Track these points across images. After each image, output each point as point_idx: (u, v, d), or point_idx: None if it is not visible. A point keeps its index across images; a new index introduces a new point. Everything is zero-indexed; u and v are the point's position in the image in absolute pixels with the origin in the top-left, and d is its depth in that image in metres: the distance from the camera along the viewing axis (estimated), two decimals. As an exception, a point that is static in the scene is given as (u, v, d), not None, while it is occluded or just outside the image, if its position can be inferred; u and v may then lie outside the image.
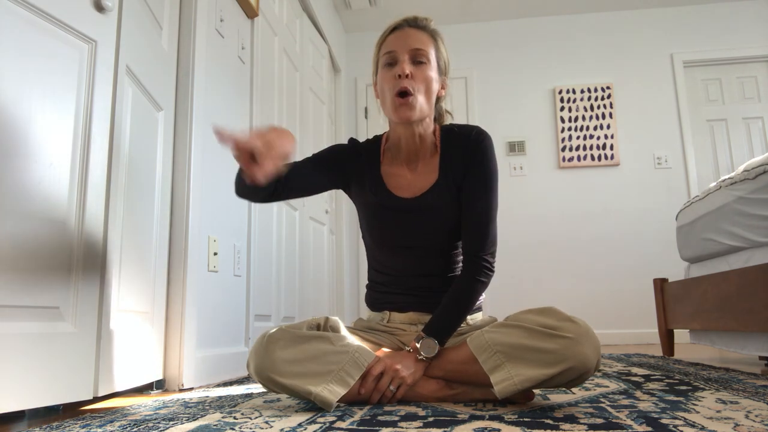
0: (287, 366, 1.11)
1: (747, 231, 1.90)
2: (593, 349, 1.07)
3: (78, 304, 1.25)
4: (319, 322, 1.23)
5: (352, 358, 1.15)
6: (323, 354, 1.14)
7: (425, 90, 1.26)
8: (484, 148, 1.31)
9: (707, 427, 0.86)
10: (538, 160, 4.14)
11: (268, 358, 1.12)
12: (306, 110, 3.23)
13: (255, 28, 2.45)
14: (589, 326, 1.11)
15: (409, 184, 1.35)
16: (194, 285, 1.79)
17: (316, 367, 1.12)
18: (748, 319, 1.78)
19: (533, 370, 1.07)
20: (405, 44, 1.25)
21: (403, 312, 1.36)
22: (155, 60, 1.70)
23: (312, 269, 3.14)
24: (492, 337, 1.14)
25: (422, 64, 1.26)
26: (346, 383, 1.12)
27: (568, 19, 4.29)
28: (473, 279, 1.29)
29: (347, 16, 4.22)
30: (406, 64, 1.24)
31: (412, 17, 1.29)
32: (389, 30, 1.30)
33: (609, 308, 3.83)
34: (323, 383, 1.10)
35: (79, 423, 1.04)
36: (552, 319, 1.12)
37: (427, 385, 1.20)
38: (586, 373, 1.07)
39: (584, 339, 1.07)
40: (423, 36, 1.28)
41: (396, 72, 1.24)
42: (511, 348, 1.10)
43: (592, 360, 1.07)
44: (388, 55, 1.27)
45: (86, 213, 1.29)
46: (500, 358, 1.10)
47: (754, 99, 4.08)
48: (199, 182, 1.85)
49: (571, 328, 1.08)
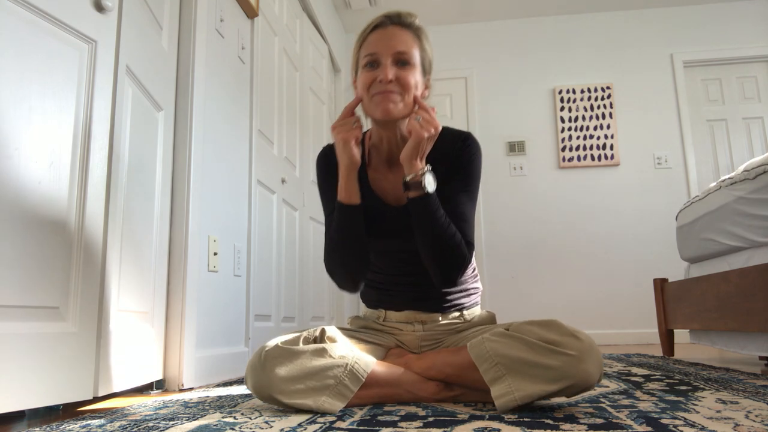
0: (286, 384, 1.09)
1: (747, 231, 1.90)
2: (596, 366, 1.05)
3: (78, 304, 1.25)
4: (315, 335, 1.19)
5: (351, 370, 1.13)
6: (321, 369, 1.11)
7: (408, 92, 1.20)
8: (473, 153, 1.29)
9: (707, 427, 0.86)
10: (538, 160, 4.13)
11: (266, 377, 1.10)
12: (306, 110, 3.23)
13: (255, 28, 2.45)
14: (592, 341, 1.08)
15: (393, 187, 1.30)
16: (194, 285, 1.79)
17: (315, 383, 1.10)
18: (748, 319, 1.78)
19: (534, 385, 1.04)
20: (388, 46, 1.19)
21: (399, 311, 1.35)
22: (155, 60, 1.70)
23: (312, 269, 3.14)
24: (493, 347, 1.11)
25: (406, 66, 1.20)
26: (344, 397, 1.11)
27: (568, 19, 4.29)
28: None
29: (347, 16, 4.22)
30: (389, 69, 1.18)
31: (395, 13, 1.23)
32: (371, 27, 1.23)
33: (609, 308, 3.83)
34: (322, 398, 1.09)
35: (79, 423, 1.04)
36: (555, 334, 1.08)
37: (427, 387, 1.20)
38: (587, 388, 1.06)
39: (587, 356, 1.04)
40: (407, 36, 1.22)
41: (378, 76, 1.19)
42: (512, 361, 1.07)
43: (594, 377, 1.05)
44: (370, 57, 1.20)
45: (86, 213, 1.29)
46: (501, 370, 1.08)
47: (754, 99, 4.08)
48: (199, 182, 1.85)
49: (574, 344, 1.05)
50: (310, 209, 3.20)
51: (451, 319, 1.35)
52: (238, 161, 2.24)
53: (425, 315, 1.33)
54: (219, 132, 2.07)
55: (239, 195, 2.24)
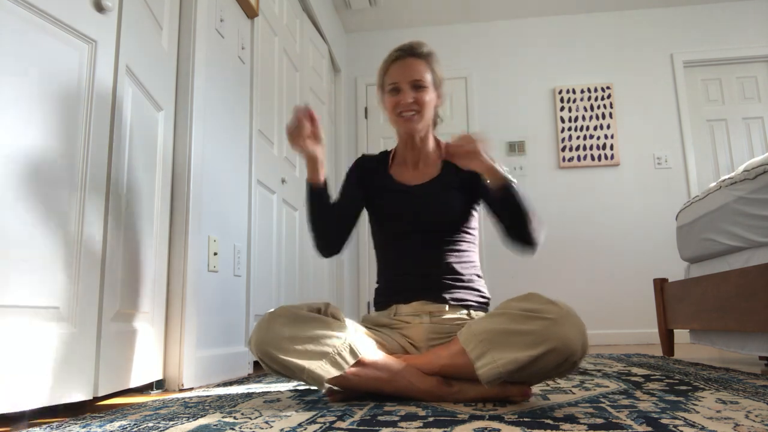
0: (286, 343, 1.19)
1: (747, 231, 1.90)
2: (575, 330, 1.09)
3: (78, 304, 1.25)
4: (319, 307, 1.29)
5: (349, 344, 1.22)
6: (321, 336, 1.21)
7: (425, 109, 1.47)
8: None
9: (707, 427, 0.87)
10: (538, 160, 4.13)
11: (269, 333, 1.20)
12: (306, 110, 3.22)
13: (255, 28, 2.45)
14: (571, 308, 1.14)
15: (414, 177, 1.54)
16: (194, 285, 1.79)
17: (313, 347, 1.20)
18: (748, 319, 1.78)
19: (515, 352, 1.10)
20: (406, 75, 1.46)
21: (408, 302, 1.42)
22: (155, 60, 1.70)
23: (312, 269, 3.14)
24: (477, 327, 1.20)
25: (421, 89, 1.46)
26: (339, 366, 1.19)
27: (568, 19, 4.29)
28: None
29: (347, 16, 4.22)
30: (408, 94, 1.45)
31: (408, 46, 1.49)
32: (391, 60, 1.50)
33: (609, 308, 3.82)
34: (317, 362, 1.18)
35: (79, 423, 1.04)
36: (534, 303, 1.17)
37: (425, 381, 1.22)
38: (571, 356, 1.09)
39: (565, 320, 1.10)
40: (420, 65, 1.47)
41: (401, 100, 1.46)
42: (495, 334, 1.15)
43: (574, 341, 1.08)
44: (393, 85, 1.48)
45: (86, 213, 1.29)
46: (485, 346, 1.15)
47: (754, 99, 4.08)
48: (199, 182, 1.85)
49: (551, 309, 1.13)
50: (310, 209, 3.19)
51: (458, 314, 1.41)
52: (238, 161, 2.24)
53: (433, 306, 1.40)
54: (219, 132, 2.07)
55: (239, 195, 2.24)
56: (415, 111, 1.46)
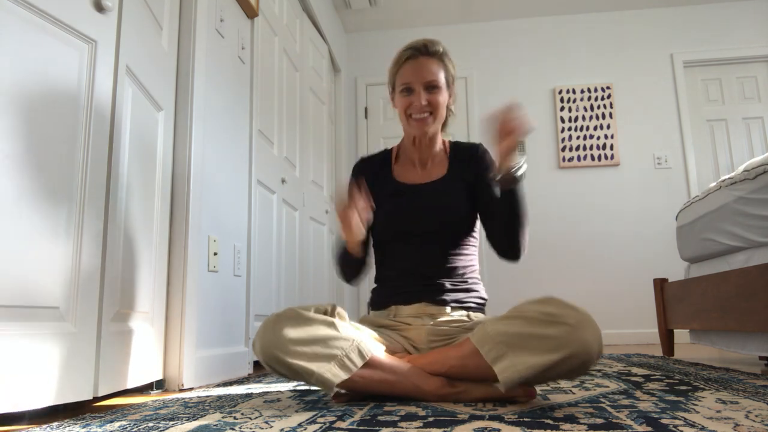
0: (293, 345, 1.16)
1: (747, 231, 1.90)
2: (594, 336, 1.09)
3: (78, 304, 1.25)
4: (326, 308, 1.27)
5: (357, 345, 1.20)
6: (329, 338, 1.19)
7: (438, 110, 1.46)
8: (490, 158, 1.52)
9: (707, 427, 0.87)
10: (538, 160, 4.13)
11: (275, 336, 1.17)
12: (306, 110, 3.23)
13: (255, 28, 2.45)
14: (589, 314, 1.13)
15: (418, 177, 1.52)
16: (194, 285, 1.79)
17: (321, 349, 1.17)
18: (748, 319, 1.78)
19: (536, 357, 1.08)
20: (420, 76, 1.42)
21: (409, 304, 1.41)
22: (155, 60, 1.70)
23: (312, 269, 3.14)
24: (494, 329, 1.16)
25: (435, 90, 1.44)
26: (348, 369, 1.17)
27: (568, 19, 4.29)
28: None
29: (347, 16, 4.22)
30: (421, 95, 1.42)
31: (422, 44, 1.44)
32: (404, 58, 1.45)
33: (609, 308, 3.82)
34: (326, 365, 1.15)
35: (79, 423, 1.04)
36: (553, 308, 1.13)
37: (430, 382, 1.21)
38: (588, 360, 1.09)
39: (585, 325, 1.09)
40: (434, 64, 1.44)
41: (413, 102, 1.43)
42: (512, 337, 1.12)
43: (593, 346, 1.08)
44: (405, 85, 1.44)
45: (86, 212, 1.29)
46: (503, 348, 1.13)
47: (754, 99, 4.08)
48: (199, 182, 1.85)
49: (572, 314, 1.11)
50: (310, 209, 3.20)
51: (459, 316, 1.39)
52: (238, 161, 2.24)
53: (434, 308, 1.39)
54: (219, 132, 2.07)
55: (239, 195, 2.24)
56: (429, 113, 1.44)
